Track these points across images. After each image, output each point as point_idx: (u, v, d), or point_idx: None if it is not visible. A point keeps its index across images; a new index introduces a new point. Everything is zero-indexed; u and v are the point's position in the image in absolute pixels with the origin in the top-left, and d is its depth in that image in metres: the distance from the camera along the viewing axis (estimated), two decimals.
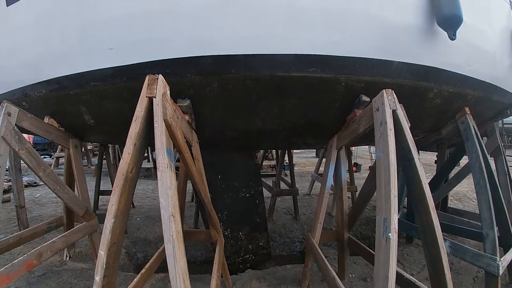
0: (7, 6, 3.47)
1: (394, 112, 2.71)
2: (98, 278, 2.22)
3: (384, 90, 2.75)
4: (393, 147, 2.56)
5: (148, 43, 2.90)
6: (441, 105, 3.57)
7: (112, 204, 2.35)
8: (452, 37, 2.98)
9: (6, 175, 6.82)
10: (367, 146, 18.09)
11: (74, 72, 3.23)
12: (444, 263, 2.59)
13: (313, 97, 3.04)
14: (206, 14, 2.72)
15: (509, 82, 4.13)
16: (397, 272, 3.10)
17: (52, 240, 3.38)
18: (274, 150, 11.08)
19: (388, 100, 2.71)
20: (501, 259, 3.48)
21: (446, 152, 5.08)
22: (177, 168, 3.29)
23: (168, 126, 2.45)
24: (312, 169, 11.86)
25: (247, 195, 4.06)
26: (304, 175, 12.35)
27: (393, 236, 2.36)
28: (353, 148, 19.56)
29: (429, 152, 8.23)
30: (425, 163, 14.03)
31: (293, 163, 7.58)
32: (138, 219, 6.48)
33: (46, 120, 3.56)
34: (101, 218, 5.40)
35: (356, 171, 13.00)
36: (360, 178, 9.94)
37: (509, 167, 8.24)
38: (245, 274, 3.98)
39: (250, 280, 3.79)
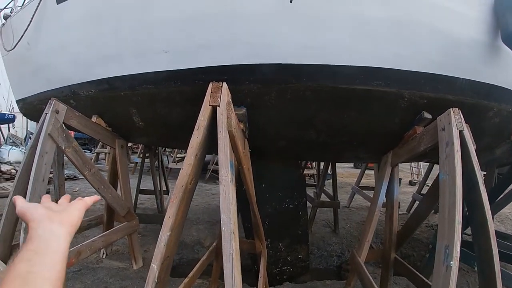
0: (57, 4, 3.44)
1: (460, 133, 2.60)
2: None
3: (451, 109, 2.65)
4: (460, 170, 2.46)
5: (205, 48, 2.83)
6: (499, 124, 3.44)
7: (169, 217, 2.30)
8: None
9: None
10: None
11: (126, 73, 3.19)
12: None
13: (374, 112, 2.95)
14: (268, 21, 2.65)
15: None
16: None
17: (92, 239, 3.36)
18: None
19: (455, 120, 2.61)
20: None
21: (495, 172, 4.92)
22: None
23: (232, 137, 2.40)
24: (350, 180, 11.62)
25: (291, 206, 3.97)
26: (342, 186, 11.97)
27: (455, 264, 2.26)
28: None
29: None
30: None
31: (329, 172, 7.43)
32: None
33: (93, 119, 3.53)
34: (141, 218, 5.40)
35: None
36: (400, 193, 9.79)
37: None
38: (283, 286, 3.91)
39: None
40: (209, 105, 2.45)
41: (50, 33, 3.57)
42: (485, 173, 5.06)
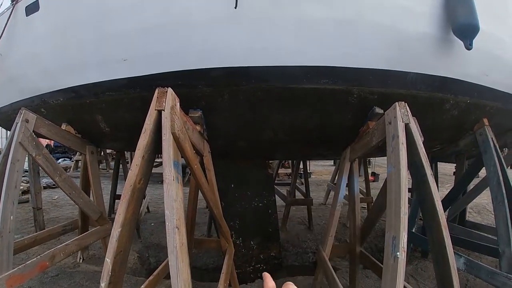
0: (26, 16, 3.59)
1: (406, 126, 2.64)
2: (103, 284, 2.28)
3: (397, 103, 2.69)
4: (405, 162, 2.50)
5: (160, 55, 2.95)
6: (458, 116, 3.47)
7: (119, 214, 2.40)
8: (469, 46, 2.88)
9: (25, 177, 7.12)
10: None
11: (90, 81, 3.31)
12: (455, 283, 2.49)
13: (325, 109, 3.01)
14: (215, 27, 2.74)
15: None
16: None
17: (66, 243, 3.47)
18: None
19: (401, 113, 2.65)
20: None
21: (465, 163, 4.92)
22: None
23: (176, 139, 2.48)
24: (328, 177, 11.72)
25: (260, 204, 4.05)
26: (320, 183, 12.13)
27: (402, 255, 2.29)
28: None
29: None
30: (445, 173, 13.67)
31: (310, 171, 7.53)
32: (152, 224, 6.56)
33: (63, 126, 3.66)
34: None
35: (373, 181, 12.70)
36: (378, 188, 9.78)
37: None
38: (254, 284, 3.98)
39: None
40: (155, 109, 2.54)
41: (21, 44, 3.71)
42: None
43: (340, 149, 3.49)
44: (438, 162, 5.40)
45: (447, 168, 14.11)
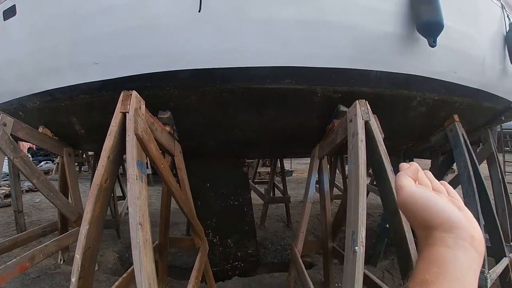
0: (4, 20, 3.66)
1: (367, 123, 2.70)
2: (74, 279, 2.37)
3: (357, 101, 2.75)
4: (364, 159, 2.55)
5: (129, 58, 3.02)
6: (427, 113, 3.51)
7: (87, 212, 2.48)
8: (432, 44, 2.92)
9: (7, 180, 7.16)
10: None
11: (65, 85, 3.39)
12: None
13: (290, 109, 3.07)
14: (183, 30, 2.80)
15: (502, 88, 4.01)
16: (374, 282, 3.11)
17: (45, 244, 3.54)
18: None
19: (361, 111, 2.71)
20: (490, 271, 3.38)
21: (440, 159, 4.96)
22: None
23: (140, 140, 2.55)
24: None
25: (236, 203, 4.12)
26: (301, 181, 12.14)
27: (360, 249, 2.35)
28: None
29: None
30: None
31: (292, 169, 7.60)
32: None
33: (40, 129, 3.74)
34: None
35: None
36: None
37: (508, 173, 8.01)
38: (231, 281, 4.04)
39: (235, 287, 3.86)
40: (120, 112, 2.61)
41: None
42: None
43: (311, 147, 3.55)
44: (414, 159, 5.45)
45: (427, 164, 14.11)
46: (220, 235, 4.12)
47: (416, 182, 0.53)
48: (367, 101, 2.78)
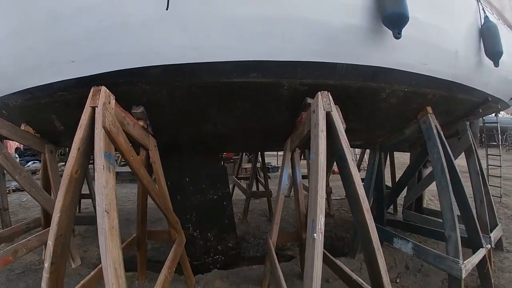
0: None
1: (328, 114, 2.76)
2: (46, 265, 2.51)
3: (319, 93, 2.82)
4: (324, 148, 2.61)
5: (103, 56, 3.11)
6: (398, 105, 3.56)
7: (58, 201, 2.61)
8: (397, 35, 2.96)
9: None
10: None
11: (44, 82, 3.50)
12: (381, 266, 2.56)
13: (259, 102, 3.14)
14: (152, 28, 2.89)
15: (477, 80, 4.04)
16: (344, 272, 3.16)
17: (27, 239, 3.65)
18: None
19: (323, 102, 2.77)
20: (465, 261, 3.40)
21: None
22: None
23: (108, 133, 2.65)
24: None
25: (215, 197, 4.20)
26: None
27: (319, 237, 2.41)
28: None
29: None
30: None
31: (278, 165, 7.66)
32: None
33: (22, 127, 3.86)
34: (81, 220, 5.67)
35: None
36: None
37: (492, 166, 8.02)
38: (210, 273, 4.09)
39: (214, 280, 3.91)
40: (89, 106, 2.72)
41: None
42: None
43: (283, 140, 3.62)
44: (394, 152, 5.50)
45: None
46: (200, 229, 4.20)
47: None
48: (329, 93, 2.84)
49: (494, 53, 3.81)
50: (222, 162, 4.46)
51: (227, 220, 4.37)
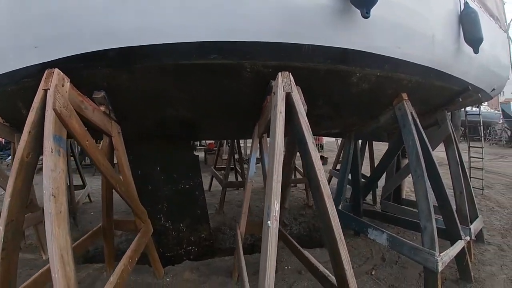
0: None
1: (288, 95, 2.65)
2: None
3: (280, 73, 2.72)
4: (281, 131, 2.51)
5: (64, 40, 3.02)
6: (371, 90, 3.43)
7: (9, 185, 2.54)
8: (365, 15, 2.82)
9: None
10: (334, 139, 17.89)
11: (10, 69, 3.43)
12: (343, 258, 2.41)
13: (222, 85, 3.03)
14: (108, 10, 2.80)
15: (457, 67, 3.89)
16: (311, 263, 3.04)
17: None
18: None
19: (283, 83, 2.66)
20: (442, 254, 3.25)
21: None
22: None
23: (58, 115, 2.57)
24: None
25: (187, 186, 4.10)
26: None
27: (273, 224, 2.30)
28: (324, 141, 19.33)
29: None
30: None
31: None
32: (92, 213, 6.60)
33: None
34: None
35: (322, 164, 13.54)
36: (326, 171, 9.90)
37: (474, 158, 7.94)
38: (180, 265, 4.01)
39: (184, 271, 3.82)
40: (42, 89, 2.65)
41: None
42: None
43: (252, 127, 3.51)
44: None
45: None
46: (172, 220, 4.11)
47: None
48: (290, 73, 2.73)
49: (473, 40, 3.68)
50: (193, 151, 4.35)
51: (199, 211, 4.27)
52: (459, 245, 3.53)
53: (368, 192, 5.60)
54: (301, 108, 2.65)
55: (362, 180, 5.42)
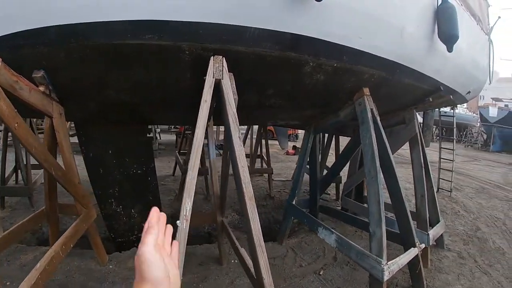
0: None
1: (218, 82, 2.47)
2: None
3: (212, 57, 2.54)
4: (203, 122, 2.35)
5: (6, 18, 2.89)
6: (327, 82, 3.20)
7: None
8: None
9: None
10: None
11: None
12: (262, 265, 2.25)
13: (160, 67, 2.86)
14: None
15: (428, 65, 3.61)
16: (245, 262, 2.90)
17: None
18: None
19: (214, 68, 2.48)
20: (390, 262, 3.07)
21: None
22: None
23: None
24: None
25: (139, 171, 3.98)
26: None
27: (183, 224, 2.16)
28: (298, 132, 19.40)
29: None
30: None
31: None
32: None
33: None
34: (14, 192, 5.56)
35: (294, 154, 14.50)
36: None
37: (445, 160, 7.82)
38: (127, 252, 3.94)
39: (129, 258, 3.74)
40: None
41: None
42: None
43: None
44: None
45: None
46: (123, 205, 4.02)
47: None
48: (224, 58, 2.55)
49: (448, 37, 3.38)
50: (147, 135, 4.21)
51: (151, 197, 4.15)
52: (411, 253, 3.33)
53: (325, 188, 5.40)
54: (230, 98, 2.46)
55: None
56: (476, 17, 4.20)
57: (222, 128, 12.75)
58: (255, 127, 9.12)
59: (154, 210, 0.72)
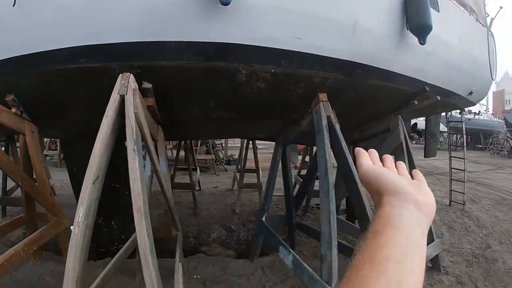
0: None
1: (123, 98, 2.48)
2: None
3: (120, 75, 2.63)
4: (103, 138, 2.41)
5: None
6: (271, 90, 2.97)
7: None
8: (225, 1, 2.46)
9: None
10: None
11: None
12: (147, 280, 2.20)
13: (100, 88, 2.98)
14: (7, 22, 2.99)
15: (403, 64, 3.09)
16: None
17: None
18: None
19: (120, 85, 2.54)
20: None
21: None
22: None
23: None
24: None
25: (117, 185, 4.16)
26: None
27: (75, 230, 2.21)
28: None
29: None
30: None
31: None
32: None
33: None
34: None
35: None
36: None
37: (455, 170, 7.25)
38: (100, 261, 4.07)
39: (98, 267, 3.88)
40: None
41: None
42: None
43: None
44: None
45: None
46: (104, 217, 4.23)
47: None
48: (132, 75, 2.59)
49: (417, 27, 2.89)
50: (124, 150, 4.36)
51: (130, 210, 4.28)
52: None
53: (300, 202, 4.89)
54: (130, 113, 2.44)
55: None
56: (467, 7, 3.48)
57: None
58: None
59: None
